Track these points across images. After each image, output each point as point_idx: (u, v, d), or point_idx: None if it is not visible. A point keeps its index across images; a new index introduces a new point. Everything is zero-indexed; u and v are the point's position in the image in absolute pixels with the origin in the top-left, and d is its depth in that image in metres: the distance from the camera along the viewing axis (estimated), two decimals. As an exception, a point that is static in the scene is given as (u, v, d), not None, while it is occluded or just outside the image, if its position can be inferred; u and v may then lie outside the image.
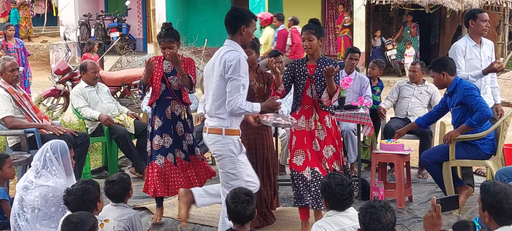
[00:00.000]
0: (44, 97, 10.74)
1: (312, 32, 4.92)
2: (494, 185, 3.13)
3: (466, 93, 5.24)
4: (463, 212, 5.32)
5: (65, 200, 3.91)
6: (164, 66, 5.25)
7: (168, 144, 5.26)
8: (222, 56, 4.21)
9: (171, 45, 5.13)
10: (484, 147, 5.37)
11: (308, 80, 5.00)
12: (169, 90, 5.23)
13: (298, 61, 5.13)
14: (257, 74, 5.28)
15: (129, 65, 16.38)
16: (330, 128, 5.04)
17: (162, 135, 5.25)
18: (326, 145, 5.02)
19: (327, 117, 5.04)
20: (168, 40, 5.13)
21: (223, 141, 4.22)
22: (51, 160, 4.32)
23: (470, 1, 16.09)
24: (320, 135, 5.01)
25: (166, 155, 5.26)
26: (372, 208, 3.10)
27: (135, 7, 20.53)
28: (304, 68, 5.03)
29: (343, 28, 18.14)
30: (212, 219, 5.36)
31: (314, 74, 4.98)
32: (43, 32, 21.93)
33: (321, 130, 5.01)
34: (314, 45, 4.95)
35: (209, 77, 4.32)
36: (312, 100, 5.01)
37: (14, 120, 5.76)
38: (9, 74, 5.89)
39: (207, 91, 4.35)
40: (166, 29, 5.21)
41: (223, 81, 4.16)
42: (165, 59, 5.24)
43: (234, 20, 4.39)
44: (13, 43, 11.02)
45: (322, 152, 4.99)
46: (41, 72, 17.82)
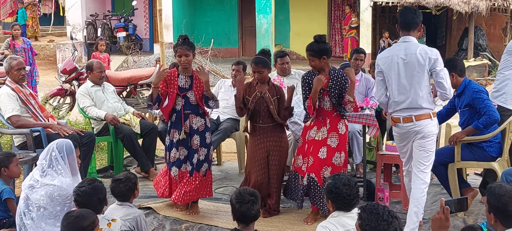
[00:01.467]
0: (51, 97, 10.78)
1: (311, 54, 5.13)
2: (499, 187, 3.12)
3: (475, 96, 5.23)
4: (468, 214, 5.30)
5: (77, 200, 3.93)
6: (180, 82, 5.31)
7: (183, 155, 5.39)
8: (419, 52, 4.62)
9: (188, 53, 5.23)
10: (490, 149, 5.35)
11: (322, 94, 5.17)
12: (187, 104, 5.30)
13: (309, 73, 5.27)
14: (269, 87, 5.38)
15: (136, 65, 16.44)
16: (343, 134, 5.21)
17: (179, 148, 5.38)
18: (338, 152, 5.18)
19: (341, 123, 5.21)
20: (185, 48, 5.23)
21: (433, 122, 4.74)
22: (57, 159, 4.34)
23: (476, 3, 16.05)
24: (333, 142, 5.16)
25: (180, 167, 5.40)
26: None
27: (142, 7, 20.58)
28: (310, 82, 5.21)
29: (350, 29, 18.13)
30: (218, 219, 5.36)
31: (328, 87, 5.15)
32: (50, 31, 22.01)
33: (333, 137, 5.17)
34: (316, 65, 5.16)
35: (407, 76, 4.65)
36: (325, 111, 5.19)
37: (20, 119, 5.79)
38: (16, 73, 5.91)
39: (399, 88, 4.70)
40: (183, 39, 5.30)
41: (426, 73, 4.63)
42: (179, 73, 5.31)
43: (418, 18, 4.80)
44: (20, 43, 11.07)
45: (332, 160, 5.15)
46: (48, 71, 17.89)
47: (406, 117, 4.73)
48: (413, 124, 4.72)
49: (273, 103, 5.31)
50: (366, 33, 17.56)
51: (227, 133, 6.79)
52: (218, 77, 15.95)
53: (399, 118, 4.77)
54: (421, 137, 4.73)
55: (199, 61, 16.76)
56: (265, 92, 5.32)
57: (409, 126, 4.74)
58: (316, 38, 5.17)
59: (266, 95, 5.31)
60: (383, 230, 2.95)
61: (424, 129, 4.71)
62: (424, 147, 4.75)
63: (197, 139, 5.35)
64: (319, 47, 5.09)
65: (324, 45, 5.15)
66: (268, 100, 5.31)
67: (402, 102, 4.74)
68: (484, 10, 15.99)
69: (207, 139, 5.41)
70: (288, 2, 20.18)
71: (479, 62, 16.58)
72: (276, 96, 5.34)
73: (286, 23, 20.31)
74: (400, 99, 4.74)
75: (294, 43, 19.93)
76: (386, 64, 4.78)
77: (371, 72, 7.28)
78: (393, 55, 4.74)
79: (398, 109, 4.78)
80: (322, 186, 5.12)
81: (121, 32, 18.62)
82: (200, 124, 5.35)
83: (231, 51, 20.25)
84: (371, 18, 17.64)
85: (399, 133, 4.87)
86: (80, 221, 3.50)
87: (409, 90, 4.69)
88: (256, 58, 5.38)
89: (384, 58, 4.83)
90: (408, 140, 4.83)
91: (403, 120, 4.75)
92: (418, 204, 4.74)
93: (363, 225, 3.01)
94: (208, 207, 5.72)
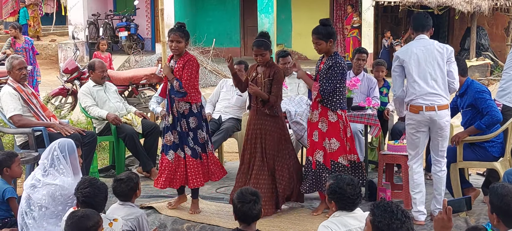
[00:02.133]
0: (52, 96, 10.79)
1: (318, 37, 5.16)
2: (502, 187, 3.11)
3: (477, 96, 5.22)
4: (470, 214, 5.29)
5: (81, 200, 3.92)
6: (170, 65, 5.36)
7: (177, 139, 5.38)
8: (437, 48, 4.98)
9: (180, 39, 5.23)
10: (493, 150, 5.34)
11: (317, 76, 5.27)
12: (172, 89, 5.30)
13: (320, 59, 5.37)
14: (265, 68, 5.35)
15: (137, 64, 16.45)
16: (334, 122, 5.22)
17: (172, 131, 5.38)
18: (328, 138, 5.22)
19: (330, 112, 5.22)
20: (178, 34, 5.23)
21: (449, 113, 4.98)
22: (59, 159, 4.34)
23: (479, 3, 16.02)
24: (323, 127, 5.26)
25: (176, 150, 5.39)
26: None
27: (144, 6, 20.58)
28: (318, 65, 5.33)
29: (352, 28, 18.11)
30: (220, 219, 5.36)
31: (320, 71, 5.23)
32: (51, 31, 22.01)
33: (323, 122, 5.25)
34: (322, 48, 5.21)
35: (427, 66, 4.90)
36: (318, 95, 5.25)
37: (22, 118, 5.79)
38: (17, 73, 5.91)
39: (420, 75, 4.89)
40: (179, 25, 5.32)
41: (444, 62, 4.97)
42: (172, 59, 5.35)
43: (430, 21, 5.16)
44: (21, 42, 11.08)
45: (322, 144, 5.24)
46: (50, 71, 17.90)
47: (429, 106, 4.87)
48: (435, 113, 4.87)
49: (262, 84, 5.30)
50: (368, 32, 17.55)
51: (229, 133, 6.79)
52: (220, 77, 15.95)
53: (421, 106, 4.87)
54: (439, 127, 4.93)
55: (201, 61, 16.77)
56: (259, 73, 5.34)
57: (432, 114, 4.87)
58: (323, 21, 5.21)
59: (258, 76, 5.33)
60: (396, 228, 2.92)
61: (443, 119, 4.92)
62: (441, 137, 5.00)
63: (184, 123, 5.33)
64: (327, 30, 5.14)
65: (331, 29, 5.23)
66: (259, 81, 5.32)
67: (422, 88, 4.87)
68: (486, 10, 15.97)
69: (191, 124, 5.34)
70: (290, 1, 20.18)
71: (481, 62, 16.55)
72: (268, 77, 5.30)
73: (288, 22, 20.31)
74: (420, 85, 4.87)
75: (296, 43, 19.93)
76: (406, 54, 4.98)
77: (373, 72, 7.27)
78: (412, 47, 5.00)
79: (419, 96, 4.88)
80: (315, 168, 5.23)
81: (123, 31, 18.62)
82: (184, 108, 5.31)
83: (233, 51, 20.23)
84: (373, 17, 17.63)
85: (417, 121, 4.93)
86: (85, 221, 3.49)
87: (429, 76, 4.90)
88: (257, 41, 5.36)
89: (403, 50, 5.08)
90: (425, 129, 4.96)
91: (425, 108, 4.86)
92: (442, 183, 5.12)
93: (375, 221, 2.97)
94: (210, 206, 5.72)
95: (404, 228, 2.93)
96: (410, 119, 5.00)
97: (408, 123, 5.03)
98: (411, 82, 4.96)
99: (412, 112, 4.96)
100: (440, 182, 5.13)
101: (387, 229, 2.92)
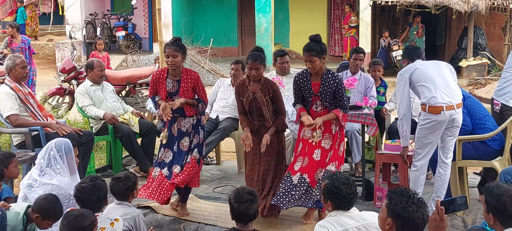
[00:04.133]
0: (50, 96, 10.77)
1: (313, 54, 4.97)
2: (497, 187, 3.11)
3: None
4: (467, 213, 5.30)
5: (77, 196, 3.92)
6: (167, 86, 5.26)
7: (168, 159, 5.34)
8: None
9: (175, 53, 5.11)
10: (494, 144, 5.38)
11: (314, 98, 5.10)
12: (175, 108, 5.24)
13: (302, 75, 5.16)
14: (261, 86, 5.23)
15: (135, 64, 16.45)
16: (334, 134, 5.13)
17: (166, 149, 5.36)
18: (330, 152, 5.13)
19: (333, 124, 5.13)
20: (173, 48, 5.12)
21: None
22: (56, 158, 4.34)
23: (476, 2, 16.04)
24: (326, 144, 5.12)
25: (162, 168, 5.33)
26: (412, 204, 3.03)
27: (141, 6, 20.57)
28: (309, 86, 5.10)
29: (350, 28, 18.13)
30: (217, 218, 5.36)
31: (320, 92, 5.07)
32: (49, 30, 21.99)
33: (327, 139, 5.12)
34: (316, 66, 5.01)
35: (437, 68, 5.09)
36: (316, 114, 5.11)
37: (19, 118, 5.78)
38: (20, 71, 5.90)
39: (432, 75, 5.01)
40: (174, 39, 5.24)
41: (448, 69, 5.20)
42: (168, 76, 5.25)
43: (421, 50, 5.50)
44: (18, 42, 11.07)
45: (325, 161, 5.09)
46: (47, 71, 17.89)
47: (448, 105, 4.90)
48: (454, 111, 4.93)
49: (265, 104, 5.20)
50: (366, 32, 17.56)
51: (226, 132, 6.78)
52: (217, 77, 15.95)
53: (442, 106, 4.90)
54: (455, 125, 4.99)
55: (198, 61, 16.77)
56: (258, 93, 5.21)
57: (452, 113, 4.92)
58: (314, 38, 5.05)
59: (258, 96, 5.20)
60: (411, 212, 2.95)
61: (460, 118, 5.00)
62: (454, 135, 5.09)
63: (187, 141, 5.30)
64: (321, 47, 5.00)
65: (324, 45, 5.10)
66: (260, 101, 5.20)
67: (437, 85, 4.94)
68: (484, 9, 15.99)
69: (195, 140, 5.33)
70: (287, 1, 20.17)
71: (479, 61, 16.58)
72: (269, 95, 5.20)
73: (286, 22, 20.30)
74: (435, 82, 4.96)
75: (293, 42, 19.92)
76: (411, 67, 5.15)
77: (370, 72, 7.28)
78: (414, 64, 5.19)
79: (437, 93, 4.91)
80: (315, 187, 5.05)
81: (120, 31, 18.60)
82: (188, 125, 5.29)
83: (231, 50, 20.25)
84: (371, 17, 17.64)
85: (437, 122, 4.93)
86: (80, 221, 3.50)
87: (440, 75, 5.04)
88: (253, 55, 5.22)
89: (406, 68, 5.21)
90: (441, 129, 4.99)
91: (446, 108, 4.89)
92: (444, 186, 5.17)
93: (391, 205, 2.99)
94: (207, 206, 5.72)
95: (419, 213, 2.96)
96: (429, 119, 4.96)
97: (425, 123, 4.98)
98: (423, 84, 5.00)
99: (432, 113, 4.92)
100: (442, 185, 5.15)
101: (402, 213, 2.95)
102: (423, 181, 5.20)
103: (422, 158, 5.11)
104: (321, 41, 5.07)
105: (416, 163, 5.16)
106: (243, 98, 5.28)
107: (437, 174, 5.18)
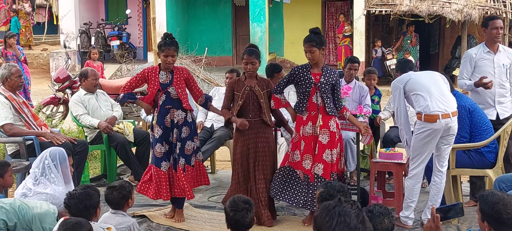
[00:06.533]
0: (44, 105, 10.75)
1: (312, 44, 5.11)
2: (492, 195, 3.07)
3: None
4: (462, 221, 5.31)
5: (66, 203, 3.90)
6: (160, 79, 5.31)
7: (169, 151, 5.37)
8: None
9: (174, 54, 5.28)
10: (489, 155, 5.38)
11: (313, 88, 5.17)
12: (168, 99, 5.28)
13: (302, 68, 5.28)
14: (257, 81, 5.35)
15: (129, 73, 16.40)
16: (334, 132, 5.20)
17: (163, 142, 5.34)
18: (328, 149, 5.18)
19: (332, 120, 5.22)
20: (173, 49, 5.26)
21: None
22: (50, 168, 4.32)
23: (469, 11, 16.13)
24: (324, 139, 5.18)
25: (169, 161, 5.37)
26: (369, 212, 3.11)
27: (136, 15, 20.58)
28: (309, 76, 5.18)
29: (344, 37, 18.18)
30: (212, 227, 5.35)
31: (320, 82, 5.16)
32: (43, 40, 21.96)
33: (325, 134, 5.18)
34: (316, 56, 5.16)
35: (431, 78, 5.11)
36: (317, 106, 5.18)
37: (13, 127, 5.77)
38: (16, 80, 5.92)
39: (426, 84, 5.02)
40: (169, 39, 5.31)
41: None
42: (161, 69, 5.34)
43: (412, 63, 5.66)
44: (12, 51, 11.05)
45: (322, 156, 5.14)
46: (41, 80, 17.85)
47: (444, 113, 4.90)
48: (450, 119, 4.93)
49: (263, 97, 5.30)
50: (360, 41, 17.62)
51: (221, 141, 6.78)
52: (212, 85, 15.94)
53: (438, 114, 4.89)
54: (450, 133, 5.00)
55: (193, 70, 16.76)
56: (255, 86, 5.30)
57: (448, 121, 4.92)
58: (314, 30, 5.20)
59: (255, 89, 5.29)
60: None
61: (455, 126, 5.00)
62: (449, 143, 5.08)
63: (176, 133, 5.32)
64: (319, 38, 5.15)
65: (322, 37, 5.25)
66: (258, 94, 5.29)
67: (432, 94, 4.95)
68: (477, 18, 16.07)
69: (183, 133, 5.34)
70: (282, 10, 20.22)
71: (472, 70, 16.62)
72: (266, 90, 5.32)
73: (280, 31, 20.35)
74: (430, 91, 4.96)
75: (288, 51, 19.96)
76: (405, 77, 5.16)
77: (364, 80, 7.30)
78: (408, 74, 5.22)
79: (433, 102, 4.92)
80: (313, 182, 5.15)
81: (114, 40, 18.59)
82: (179, 117, 5.32)
83: (225, 59, 20.26)
84: (365, 26, 17.70)
85: (433, 130, 4.93)
86: (78, 228, 3.47)
87: (435, 83, 5.05)
88: (249, 49, 5.34)
89: (399, 78, 5.24)
90: (436, 138, 4.99)
91: (442, 116, 4.89)
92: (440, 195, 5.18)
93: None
94: (202, 215, 5.71)
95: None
96: (424, 128, 4.96)
97: (420, 132, 4.99)
98: (418, 93, 5.00)
99: (428, 122, 4.92)
100: (437, 194, 5.15)
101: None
102: (419, 189, 5.21)
103: (418, 166, 5.12)
104: (320, 33, 5.21)
105: (411, 171, 5.17)
106: (239, 93, 5.33)
107: (433, 182, 5.19)
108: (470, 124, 5.38)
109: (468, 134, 5.38)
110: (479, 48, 5.96)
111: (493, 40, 5.86)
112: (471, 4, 16.28)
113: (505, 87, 5.87)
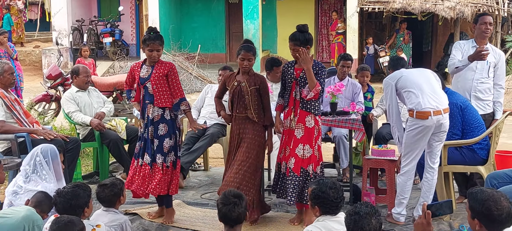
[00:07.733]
0: (36, 103, 10.70)
1: (296, 44, 5.11)
2: (481, 193, 3.05)
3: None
4: (454, 217, 5.33)
5: (53, 200, 3.87)
6: (141, 72, 5.28)
7: (144, 147, 5.34)
8: None
9: (159, 48, 5.21)
10: (481, 152, 5.40)
11: (294, 83, 5.21)
12: (146, 94, 5.25)
13: (288, 64, 5.34)
14: (248, 77, 5.28)
15: (122, 70, 16.38)
16: (310, 128, 5.19)
17: (141, 138, 5.38)
18: (302, 144, 5.19)
19: (309, 117, 5.19)
20: (158, 43, 5.19)
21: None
22: (41, 165, 4.30)
23: (462, 9, 16.18)
24: (298, 133, 5.21)
25: (143, 158, 5.33)
26: (356, 214, 3.12)
27: (128, 12, 20.52)
28: (291, 71, 5.25)
29: (337, 34, 18.21)
30: (204, 224, 5.34)
31: (300, 77, 5.18)
32: (35, 37, 21.88)
33: (299, 128, 5.20)
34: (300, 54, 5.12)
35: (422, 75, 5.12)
36: (294, 101, 5.23)
37: (5, 124, 5.74)
38: (9, 77, 5.89)
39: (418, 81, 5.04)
40: (154, 33, 5.24)
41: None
42: (144, 63, 5.30)
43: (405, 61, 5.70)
44: (3, 48, 11.00)
45: (295, 150, 5.19)
46: (33, 77, 17.78)
47: (436, 110, 4.92)
48: (441, 116, 4.95)
49: (249, 93, 5.22)
50: (353, 38, 17.65)
51: (214, 138, 6.77)
52: (205, 83, 15.93)
53: (429, 111, 4.90)
54: (442, 130, 5.02)
55: (186, 67, 16.75)
56: (243, 82, 5.25)
57: (439, 118, 4.93)
58: (300, 27, 5.17)
59: (243, 84, 5.24)
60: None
61: (447, 123, 5.03)
62: (441, 140, 5.10)
63: (151, 129, 5.26)
64: (305, 37, 5.12)
65: (309, 35, 5.18)
66: (244, 90, 5.23)
67: (424, 91, 4.96)
68: (470, 16, 16.12)
69: (160, 131, 5.26)
70: (275, 7, 20.22)
71: (465, 67, 16.68)
72: (255, 86, 5.24)
73: (273, 28, 20.35)
74: (421, 88, 4.98)
75: (281, 48, 19.96)
76: (396, 74, 5.17)
77: (357, 77, 7.31)
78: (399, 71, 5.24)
79: (424, 99, 4.93)
80: (288, 175, 5.18)
81: (107, 37, 18.54)
82: (156, 114, 5.24)
83: (218, 56, 20.25)
84: (358, 24, 17.74)
85: (425, 127, 4.94)
86: (70, 227, 3.46)
87: (426, 80, 5.07)
88: (246, 45, 5.27)
89: (391, 75, 5.25)
90: (428, 135, 5.00)
91: (433, 113, 4.91)
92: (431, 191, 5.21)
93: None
94: (195, 212, 5.70)
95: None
96: (416, 124, 4.97)
97: (412, 129, 4.99)
98: (410, 90, 5.01)
99: (420, 118, 4.93)
100: (429, 190, 5.18)
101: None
102: (411, 186, 5.23)
103: (409, 163, 5.14)
104: (306, 32, 5.17)
105: (403, 168, 5.18)
106: (228, 87, 5.35)
107: (424, 179, 5.21)
108: (462, 121, 5.39)
109: (460, 131, 5.40)
110: (468, 42, 6.02)
111: (482, 35, 5.89)
112: (464, 1, 16.34)
113: (484, 84, 5.86)
